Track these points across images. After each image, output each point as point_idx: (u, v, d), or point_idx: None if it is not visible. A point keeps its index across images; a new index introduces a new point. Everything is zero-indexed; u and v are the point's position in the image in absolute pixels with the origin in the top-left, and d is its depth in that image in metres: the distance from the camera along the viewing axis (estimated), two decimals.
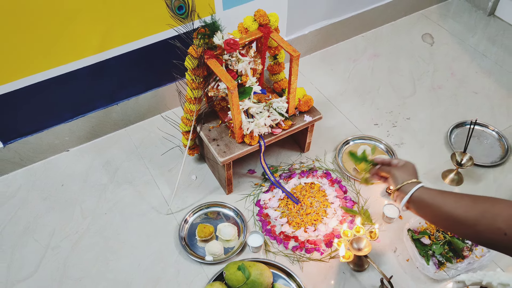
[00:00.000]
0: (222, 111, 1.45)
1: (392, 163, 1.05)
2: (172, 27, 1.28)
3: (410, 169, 1.01)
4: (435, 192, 0.92)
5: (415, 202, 0.95)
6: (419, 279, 1.29)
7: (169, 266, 1.33)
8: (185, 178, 1.55)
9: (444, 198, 0.89)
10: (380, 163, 1.09)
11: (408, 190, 0.95)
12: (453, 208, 0.86)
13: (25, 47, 1.31)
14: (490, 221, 0.79)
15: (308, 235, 1.38)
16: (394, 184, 1.00)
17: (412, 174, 1.00)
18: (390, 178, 1.02)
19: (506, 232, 0.77)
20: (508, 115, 1.74)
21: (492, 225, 0.79)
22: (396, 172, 1.01)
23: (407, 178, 0.98)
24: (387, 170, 1.04)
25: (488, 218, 0.80)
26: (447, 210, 0.87)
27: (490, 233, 0.79)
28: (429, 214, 0.93)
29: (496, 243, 0.79)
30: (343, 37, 2.06)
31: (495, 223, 0.78)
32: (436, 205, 0.89)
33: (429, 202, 0.91)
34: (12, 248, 1.38)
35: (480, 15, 2.20)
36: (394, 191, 0.99)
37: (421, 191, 0.94)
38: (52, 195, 1.51)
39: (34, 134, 1.54)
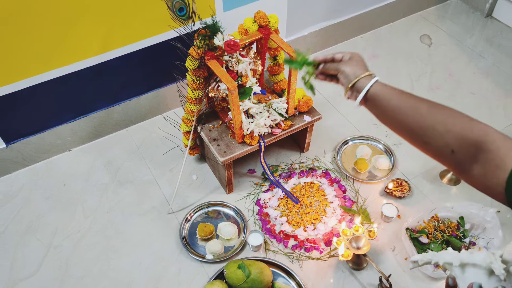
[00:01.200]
0: (222, 111, 1.45)
1: (336, 58, 0.94)
2: (173, 29, 1.28)
3: (359, 61, 0.91)
4: (392, 91, 0.83)
5: (370, 99, 0.86)
6: (417, 278, 1.29)
7: (170, 265, 1.33)
8: (185, 178, 1.55)
9: (402, 99, 0.81)
10: (322, 61, 0.96)
11: (364, 85, 0.86)
12: (406, 114, 0.79)
13: (28, 49, 1.31)
14: (439, 135, 0.73)
15: (307, 234, 1.38)
16: (346, 81, 0.90)
17: (363, 66, 0.90)
18: (340, 75, 0.91)
19: (453, 150, 0.71)
20: (505, 115, 1.74)
21: (441, 140, 0.73)
22: (346, 67, 0.90)
23: (360, 73, 0.88)
24: (334, 67, 0.93)
25: (439, 131, 0.73)
26: (401, 113, 0.79)
27: (438, 146, 0.74)
28: (382, 114, 0.85)
29: (442, 158, 0.75)
30: (342, 38, 2.06)
31: (444, 138, 0.73)
32: (392, 106, 0.81)
33: (383, 102, 0.83)
34: (15, 247, 1.38)
35: (478, 16, 2.20)
36: (348, 89, 0.89)
37: (377, 87, 0.85)
38: (54, 194, 1.51)
39: (36, 134, 1.54)
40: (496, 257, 0.61)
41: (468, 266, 0.64)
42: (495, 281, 0.61)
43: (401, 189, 1.47)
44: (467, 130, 0.71)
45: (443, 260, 0.68)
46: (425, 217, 1.38)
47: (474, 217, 1.35)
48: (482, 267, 0.62)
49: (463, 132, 0.71)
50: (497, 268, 0.60)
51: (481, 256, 0.63)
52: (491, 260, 0.61)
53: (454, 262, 0.66)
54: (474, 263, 0.63)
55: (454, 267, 0.66)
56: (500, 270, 0.59)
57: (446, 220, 1.38)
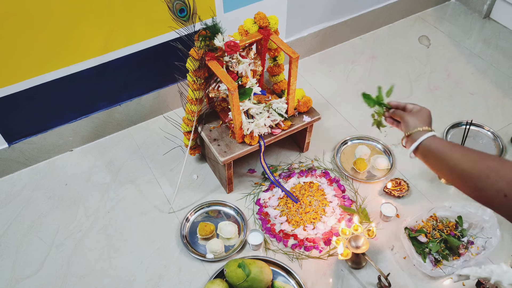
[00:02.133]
0: (222, 111, 1.45)
1: (407, 108, 1.00)
2: (174, 30, 1.28)
3: (424, 116, 0.96)
4: (445, 143, 0.88)
5: (423, 151, 0.91)
6: (416, 276, 1.29)
7: (171, 264, 1.33)
8: (186, 178, 1.55)
9: (453, 150, 0.85)
10: (394, 106, 1.03)
11: (418, 137, 0.91)
12: (459, 161, 0.82)
13: (30, 49, 1.31)
14: (493, 181, 0.76)
15: (307, 233, 1.38)
16: (405, 129, 0.96)
17: (425, 121, 0.95)
18: (402, 123, 0.98)
19: (506, 194, 0.74)
20: (503, 115, 1.74)
21: (494, 185, 0.76)
22: (409, 117, 0.96)
23: (419, 125, 0.93)
24: (400, 114, 0.99)
25: (492, 177, 0.77)
26: (453, 162, 0.83)
27: (491, 192, 0.77)
28: (435, 164, 0.89)
29: (494, 203, 0.77)
30: (342, 39, 2.06)
31: (497, 183, 0.76)
32: (443, 156, 0.86)
33: (437, 153, 0.87)
34: (17, 246, 1.38)
35: (476, 17, 2.20)
36: (405, 137, 0.96)
37: (431, 140, 0.90)
38: (56, 194, 1.51)
39: (38, 134, 1.54)
40: None
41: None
42: None
43: (399, 188, 1.47)
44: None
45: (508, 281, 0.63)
46: (423, 217, 1.38)
47: (472, 216, 1.35)
48: None
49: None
50: None
51: None
52: None
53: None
54: None
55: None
56: None
57: (444, 220, 1.38)
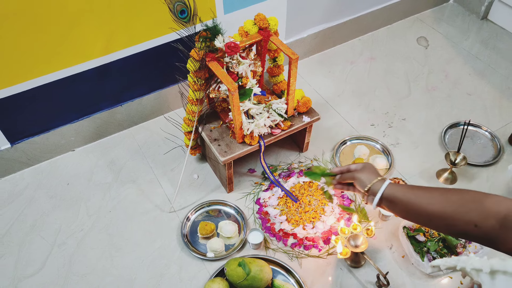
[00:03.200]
0: (223, 112, 1.45)
1: (351, 169, 1.02)
2: (174, 31, 1.28)
3: (371, 169, 0.98)
4: (405, 188, 0.89)
5: (387, 200, 0.91)
6: (414, 275, 1.29)
7: (172, 263, 1.33)
8: (187, 177, 1.55)
9: (416, 194, 0.86)
10: (339, 172, 1.04)
11: (378, 188, 0.92)
12: (426, 204, 0.83)
13: (32, 50, 1.31)
14: (463, 215, 0.77)
15: (306, 232, 1.38)
16: (361, 186, 0.96)
17: (375, 173, 0.97)
18: (356, 182, 0.98)
19: (476, 224, 0.75)
20: (500, 116, 1.74)
21: (464, 218, 0.77)
22: (360, 174, 0.97)
23: (373, 178, 0.95)
24: (350, 176, 1.01)
25: (461, 212, 0.77)
26: (420, 206, 0.84)
27: (462, 225, 0.77)
28: (401, 210, 0.90)
29: (467, 233, 0.78)
30: (341, 40, 2.06)
31: (467, 216, 0.76)
32: (408, 202, 0.86)
33: (401, 199, 0.88)
34: (19, 245, 1.38)
35: (474, 19, 2.20)
36: (364, 194, 0.96)
37: (391, 188, 0.91)
38: (58, 193, 1.51)
39: (40, 135, 1.54)
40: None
41: (499, 274, 0.61)
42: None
43: None
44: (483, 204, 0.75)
45: (470, 266, 0.65)
46: None
47: None
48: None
49: (480, 206, 0.75)
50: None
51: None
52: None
53: (484, 269, 0.63)
54: (506, 270, 0.60)
55: (483, 274, 0.63)
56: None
57: None
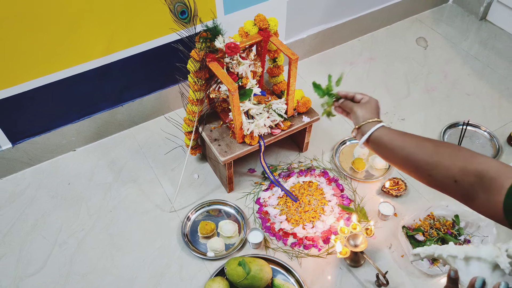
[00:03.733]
0: (223, 112, 1.45)
1: (355, 98, 0.99)
2: (175, 31, 1.28)
3: (372, 106, 0.95)
4: (395, 134, 0.87)
5: (374, 142, 0.90)
6: (413, 274, 1.29)
7: (172, 262, 1.33)
8: (187, 177, 1.55)
9: (404, 140, 0.84)
10: (343, 97, 1.01)
11: (368, 129, 0.90)
12: (412, 152, 0.82)
13: (33, 51, 1.32)
14: (445, 169, 0.76)
15: (306, 232, 1.38)
16: (355, 121, 0.95)
17: (374, 112, 0.94)
18: (352, 115, 0.97)
19: (456, 180, 0.74)
20: (499, 116, 1.74)
21: (446, 172, 0.76)
22: (358, 109, 0.95)
23: (368, 117, 0.93)
24: (349, 106, 0.98)
25: (445, 166, 0.76)
26: (405, 153, 0.83)
27: (442, 178, 0.77)
28: (386, 155, 0.88)
29: (446, 188, 0.78)
30: (340, 40, 2.06)
31: (449, 171, 0.75)
32: (394, 147, 0.85)
33: (388, 144, 0.87)
34: (21, 245, 1.38)
35: (472, 19, 2.20)
36: (354, 129, 0.95)
37: (381, 131, 0.89)
38: (59, 193, 1.52)
39: (42, 135, 1.54)
40: (502, 252, 0.60)
41: (473, 260, 0.63)
42: (499, 275, 0.60)
43: (397, 188, 1.47)
44: (470, 162, 0.74)
45: (447, 253, 0.67)
46: (421, 215, 1.38)
47: (468, 215, 1.35)
48: (487, 261, 0.61)
49: (465, 163, 0.74)
50: (502, 262, 0.59)
51: (487, 250, 0.62)
52: (497, 254, 0.60)
53: (459, 255, 0.65)
54: (479, 256, 0.62)
55: (458, 260, 0.65)
56: (506, 264, 0.58)
57: (441, 218, 1.38)
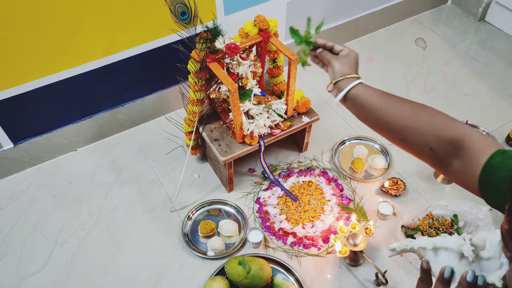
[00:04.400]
0: (223, 112, 1.45)
1: (334, 49, 0.92)
2: (175, 32, 1.28)
3: (351, 60, 0.89)
4: (374, 92, 0.82)
5: (351, 99, 0.84)
6: (412, 273, 1.29)
7: (173, 261, 1.33)
8: (188, 177, 1.55)
9: (382, 100, 0.80)
10: (322, 45, 0.94)
11: (345, 86, 0.84)
12: (389, 114, 0.78)
13: (35, 51, 1.32)
14: (419, 134, 0.73)
15: (306, 231, 1.39)
16: (332, 75, 0.88)
17: (353, 67, 0.88)
18: (330, 68, 0.90)
19: (432, 147, 0.72)
20: (498, 116, 1.74)
21: (421, 138, 0.73)
22: (336, 63, 0.88)
23: (346, 72, 0.86)
24: (327, 58, 0.91)
25: (420, 130, 0.74)
26: (382, 114, 0.79)
27: (418, 144, 0.74)
28: (362, 114, 0.84)
29: (421, 154, 0.75)
30: (340, 41, 2.04)
31: (424, 136, 0.73)
32: (371, 107, 0.81)
33: (365, 103, 0.82)
34: (22, 244, 1.38)
35: (471, 20, 2.20)
36: (331, 84, 0.88)
37: (359, 89, 0.83)
38: (60, 193, 1.52)
39: (43, 135, 1.54)
40: (466, 241, 0.62)
41: (441, 250, 0.65)
42: (466, 264, 0.61)
43: (396, 187, 1.47)
44: (446, 129, 0.71)
45: (418, 245, 0.68)
46: (420, 215, 1.38)
47: (467, 215, 1.35)
48: (454, 251, 0.62)
49: (442, 130, 0.71)
50: (466, 250, 0.60)
51: (453, 240, 0.63)
52: (462, 243, 0.62)
53: (428, 246, 0.66)
54: (446, 246, 0.63)
55: (428, 251, 0.66)
56: (469, 252, 0.60)
57: (440, 218, 1.38)
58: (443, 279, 0.59)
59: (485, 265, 0.60)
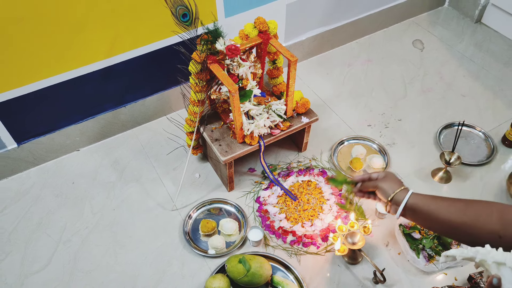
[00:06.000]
0: (224, 113, 1.45)
1: (372, 177, 0.98)
2: (177, 34, 1.28)
3: (393, 177, 0.95)
4: (428, 198, 0.87)
5: (410, 210, 0.89)
6: (409, 271, 1.29)
7: (174, 259, 1.34)
8: (189, 176, 1.55)
9: (438, 203, 0.84)
10: (360, 180, 1.01)
11: (401, 198, 0.90)
12: (447, 213, 0.81)
13: (38, 53, 1.32)
14: (483, 224, 0.75)
15: (305, 230, 1.39)
16: (384, 196, 0.94)
17: (397, 182, 0.94)
18: (379, 191, 0.95)
19: (500, 235, 0.73)
20: (494, 116, 1.74)
21: (486, 228, 0.75)
22: (383, 184, 0.94)
23: (396, 187, 0.92)
24: (372, 184, 0.97)
25: (482, 221, 0.76)
26: (441, 216, 0.82)
27: (485, 235, 0.76)
28: (424, 220, 0.88)
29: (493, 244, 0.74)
30: (338, 43, 2.06)
31: (488, 225, 0.75)
32: (430, 212, 0.84)
33: (424, 209, 0.86)
34: (26, 242, 1.38)
35: (468, 22, 2.20)
36: (387, 203, 0.94)
37: (414, 198, 0.89)
38: (63, 192, 1.52)
39: (46, 135, 1.54)
40: None
41: None
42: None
43: None
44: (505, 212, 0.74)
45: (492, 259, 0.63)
46: None
47: None
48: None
49: (503, 215, 0.74)
50: None
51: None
52: None
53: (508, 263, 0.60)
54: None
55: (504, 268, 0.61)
56: None
57: None
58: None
59: None
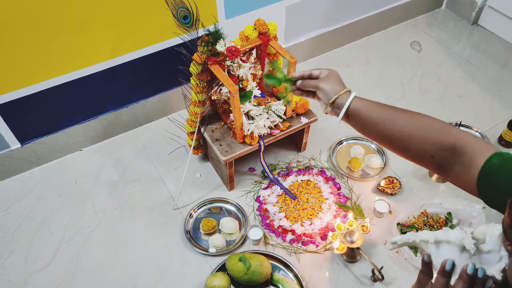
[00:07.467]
0: (224, 113, 1.46)
1: (313, 75, 0.90)
2: (178, 35, 1.28)
3: (335, 78, 0.87)
4: (371, 104, 0.81)
5: (352, 115, 0.83)
6: (407, 269, 1.29)
7: (175, 258, 1.34)
8: (190, 176, 1.55)
9: (381, 111, 0.79)
10: (300, 78, 0.91)
11: (343, 101, 0.82)
12: (389, 124, 0.77)
13: (41, 54, 1.32)
14: (418, 143, 0.74)
15: (304, 228, 1.39)
16: (325, 97, 0.85)
17: (340, 83, 0.86)
18: (320, 92, 0.87)
19: (432, 155, 0.73)
20: (491, 117, 1.74)
21: (420, 147, 0.74)
22: (324, 84, 0.86)
23: (338, 89, 0.84)
24: (312, 84, 0.88)
25: (418, 139, 0.74)
26: (382, 125, 0.78)
27: (418, 153, 0.75)
28: (363, 127, 0.83)
29: (423, 162, 0.76)
30: (337, 44, 2.06)
31: (423, 145, 0.73)
32: (371, 119, 0.80)
33: (365, 115, 0.81)
34: (29, 241, 1.38)
35: (465, 24, 2.20)
36: (328, 105, 0.85)
37: (357, 103, 0.82)
38: (66, 191, 1.52)
39: (49, 135, 1.54)
40: (468, 234, 0.62)
41: (443, 243, 0.65)
42: (466, 257, 0.61)
43: (392, 186, 1.47)
44: (443, 136, 0.72)
45: (419, 238, 0.68)
46: (415, 213, 1.39)
47: (461, 212, 1.35)
48: (455, 244, 0.63)
49: (439, 138, 0.73)
50: (468, 243, 0.60)
51: (454, 233, 0.64)
52: (463, 236, 0.62)
53: (430, 240, 0.66)
54: (448, 240, 0.64)
55: (430, 245, 0.66)
56: (471, 245, 0.60)
57: (434, 216, 1.38)
58: (444, 272, 0.59)
59: (485, 258, 0.60)
